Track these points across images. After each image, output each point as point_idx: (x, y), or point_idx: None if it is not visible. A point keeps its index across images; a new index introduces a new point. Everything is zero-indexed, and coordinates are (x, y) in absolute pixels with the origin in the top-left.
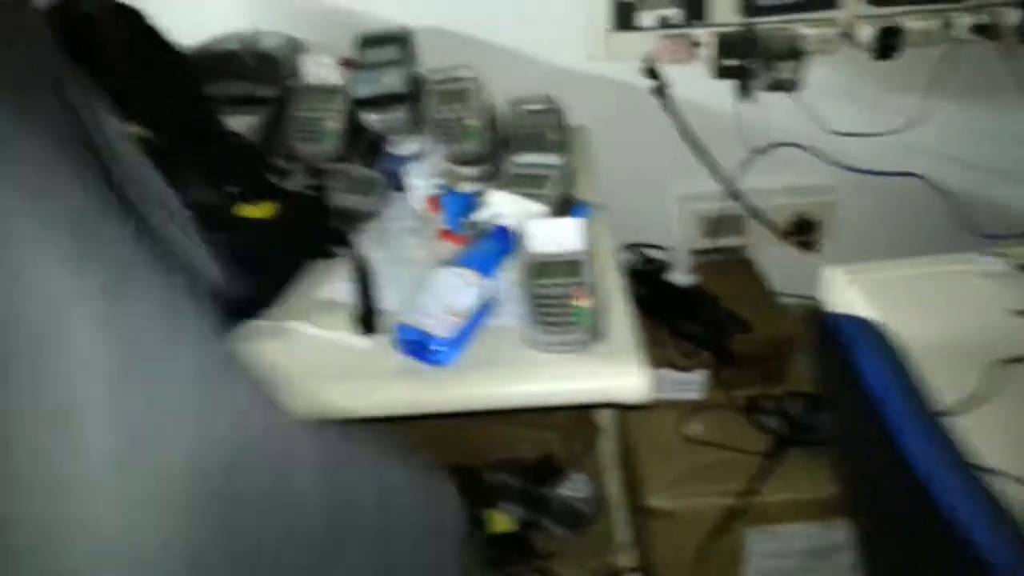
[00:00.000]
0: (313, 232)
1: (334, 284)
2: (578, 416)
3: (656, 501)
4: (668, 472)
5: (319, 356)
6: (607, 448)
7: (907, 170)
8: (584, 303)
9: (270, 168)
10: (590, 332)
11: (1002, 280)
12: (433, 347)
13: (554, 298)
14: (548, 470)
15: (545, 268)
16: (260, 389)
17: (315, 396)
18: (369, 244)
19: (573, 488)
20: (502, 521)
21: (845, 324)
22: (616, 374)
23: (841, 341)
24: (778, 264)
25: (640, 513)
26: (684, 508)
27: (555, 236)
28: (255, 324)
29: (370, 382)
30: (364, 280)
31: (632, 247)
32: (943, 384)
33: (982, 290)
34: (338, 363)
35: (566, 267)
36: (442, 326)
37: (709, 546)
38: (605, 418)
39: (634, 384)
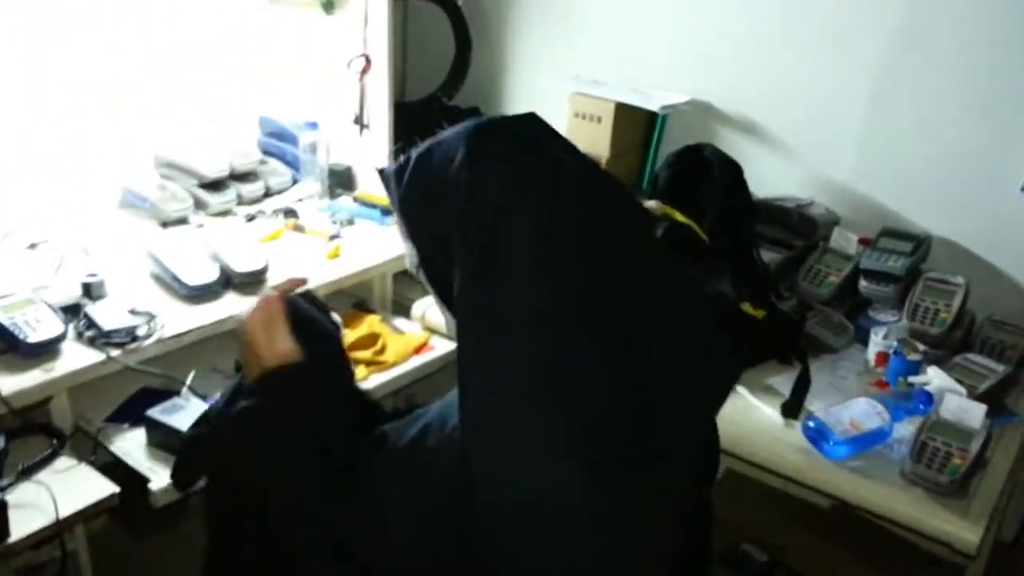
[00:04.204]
0: (785, 341)
1: (779, 378)
2: None
3: None
4: None
5: (748, 415)
6: None
7: None
8: (959, 463)
9: (775, 290)
10: (953, 485)
11: None
12: (829, 440)
13: (937, 449)
14: None
15: (942, 427)
16: None
17: (732, 433)
18: (818, 367)
19: None
20: None
21: None
22: (952, 520)
23: None
24: None
25: None
26: None
27: (963, 411)
28: None
29: (771, 443)
30: (802, 385)
31: None
32: None
33: None
34: (757, 423)
35: (959, 433)
36: (842, 429)
37: None
38: None
39: (965, 536)
